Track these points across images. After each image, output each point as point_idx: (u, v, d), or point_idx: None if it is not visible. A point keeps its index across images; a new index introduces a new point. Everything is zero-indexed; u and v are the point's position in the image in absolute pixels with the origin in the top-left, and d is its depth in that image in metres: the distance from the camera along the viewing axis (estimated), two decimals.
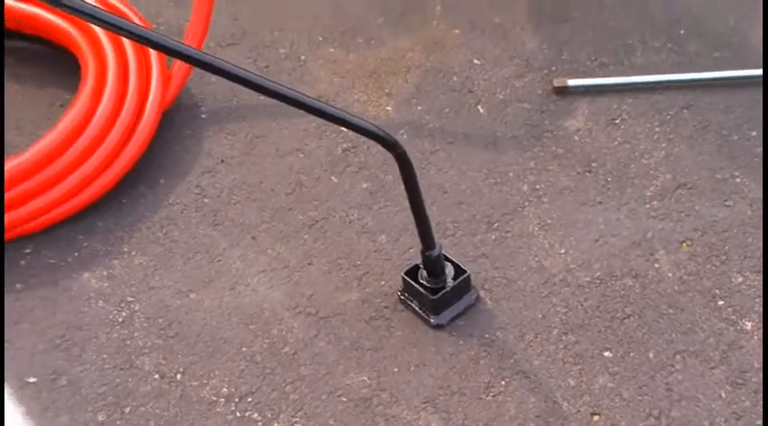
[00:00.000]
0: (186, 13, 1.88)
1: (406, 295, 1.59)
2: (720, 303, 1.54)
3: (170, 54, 1.16)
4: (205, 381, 1.48)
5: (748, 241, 1.62)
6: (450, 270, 1.55)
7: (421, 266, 1.54)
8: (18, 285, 1.59)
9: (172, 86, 1.83)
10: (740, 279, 1.57)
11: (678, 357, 1.47)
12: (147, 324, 1.55)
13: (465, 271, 1.55)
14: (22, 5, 1.86)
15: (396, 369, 1.50)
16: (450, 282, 1.54)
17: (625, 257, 1.63)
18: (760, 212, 1.67)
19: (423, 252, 1.50)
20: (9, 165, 1.58)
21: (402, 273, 1.56)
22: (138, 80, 1.76)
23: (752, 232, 1.64)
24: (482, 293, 1.59)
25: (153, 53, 1.80)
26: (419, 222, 1.46)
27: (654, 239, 1.66)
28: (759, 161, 1.76)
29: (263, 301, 1.60)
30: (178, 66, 1.84)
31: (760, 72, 1.93)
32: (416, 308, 1.57)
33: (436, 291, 1.53)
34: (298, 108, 1.25)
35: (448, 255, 1.56)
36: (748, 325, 1.50)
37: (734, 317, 1.51)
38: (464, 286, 1.56)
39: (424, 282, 1.54)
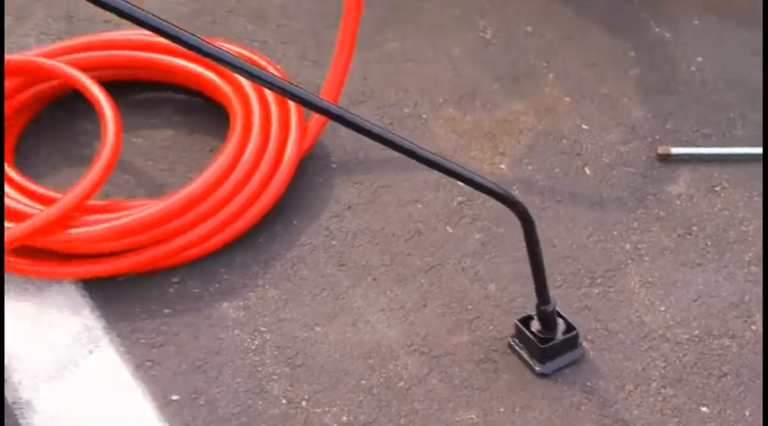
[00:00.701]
0: (323, 72, 1.91)
1: (517, 341, 1.56)
2: None
3: (309, 107, 1.18)
4: (327, 409, 1.48)
5: None
6: (561, 324, 1.53)
7: (534, 317, 1.52)
8: (166, 310, 1.62)
9: (308, 138, 1.85)
10: None
11: None
12: (276, 353, 1.56)
13: (574, 328, 1.53)
14: (180, 61, 1.91)
15: (502, 410, 1.47)
16: (559, 336, 1.52)
17: (723, 317, 1.58)
18: None
19: (538, 306, 1.48)
20: (164, 204, 1.61)
21: (516, 320, 1.54)
22: (279, 132, 1.78)
23: None
24: (585, 343, 1.56)
25: (293, 108, 1.82)
26: (537, 278, 1.44)
27: (751, 302, 1.60)
28: None
29: (381, 338, 1.59)
30: (314, 120, 1.86)
31: None
32: (524, 355, 1.54)
33: (546, 341, 1.50)
34: (430, 166, 1.26)
35: (560, 311, 1.54)
36: None
37: None
38: (572, 341, 1.54)
39: (536, 332, 1.52)
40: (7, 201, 1.62)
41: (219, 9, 2.27)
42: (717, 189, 1.83)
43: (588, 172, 1.90)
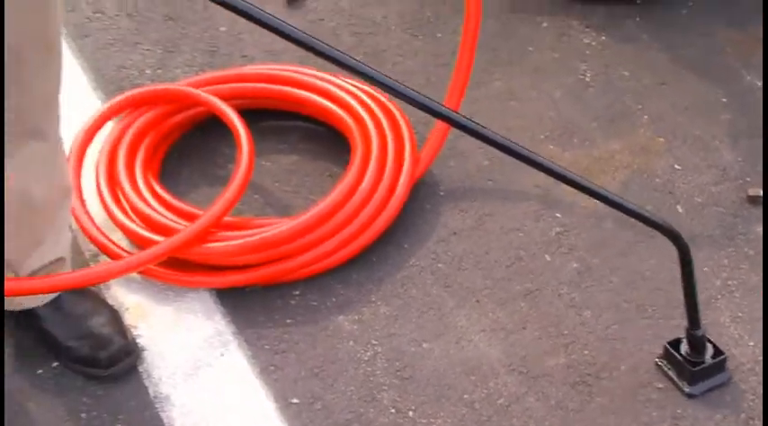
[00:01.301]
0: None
1: (665, 362, 1.56)
2: None
3: (436, 115, 1.28)
4: (432, 420, 1.48)
5: None
6: (709, 348, 1.52)
7: (684, 341, 1.52)
8: (288, 320, 1.65)
9: (420, 167, 1.86)
10: None
11: None
12: (386, 365, 1.58)
13: (723, 353, 1.52)
14: (307, 93, 1.95)
15: None
16: (708, 359, 1.51)
17: None
18: None
19: (688, 330, 1.49)
20: (291, 224, 1.65)
21: (665, 343, 1.54)
22: (395, 161, 1.80)
23: None
24: None
25: (407, 140, 1.84)
26: (689, 304, 1.46)
27: None
28: None
29: (482, 356, 1.59)
30: (426, 150, 1.88)
31: None
32: (673, 377, 1.54)
33: (696, 364, 1.50)
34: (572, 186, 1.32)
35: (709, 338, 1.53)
36: None
37: None
38: (720, 365, 1.53)
39: (685, 355, 1.51)
40: (155, 216, 1.68)
41: (339, 46, 2.30)
42: None
43: (680, 210, 1.86)
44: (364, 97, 1.91)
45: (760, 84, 2.17)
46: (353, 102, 1.88)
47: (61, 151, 1.42)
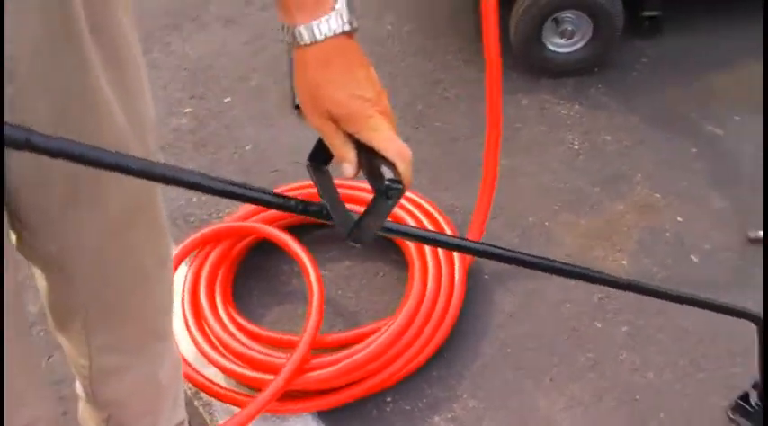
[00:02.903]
0: (451, 194, 1.77)
1: (737, 415, 1.42)
2: None
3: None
4: None
5: None
6: None
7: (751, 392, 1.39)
8: None
9: (466, 262, 1.67)
10: None
11: None
12: None
13: None
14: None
15: None
16: None
17: None
18: None
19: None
20: (376, 342, 1.45)
21: (736, 398, 1.40)
22: (447, 266, 1.61)
23: None
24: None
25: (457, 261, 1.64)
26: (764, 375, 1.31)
27: None
28: None
29: None
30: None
31: None
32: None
33: None
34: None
35: None
36: None
37: None
38: None
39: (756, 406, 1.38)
40: (246, 351, 1.45)
41: None
42: None
43: (695, 259, 1.73)
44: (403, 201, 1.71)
45: (720, 132, 2.06)
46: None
47: (175, 340, 1.19)
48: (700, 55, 2.29)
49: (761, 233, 1.73)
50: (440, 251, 1.62)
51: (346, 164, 0.74)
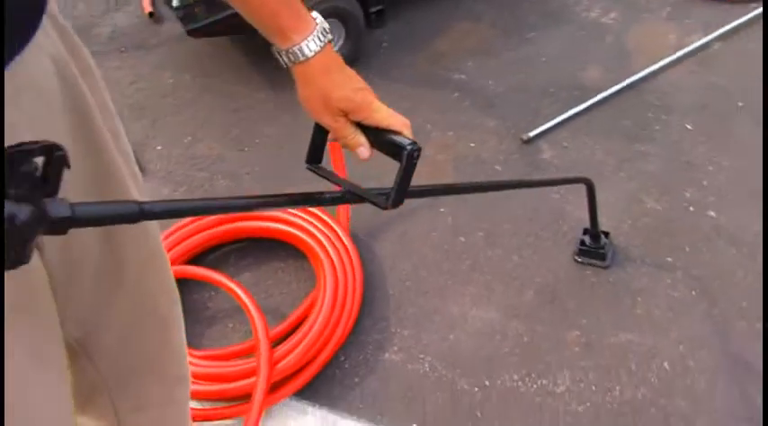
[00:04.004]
0: None
1: (582, 257, 1.62)
2: None
3: None
4: None
5: None
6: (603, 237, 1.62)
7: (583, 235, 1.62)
8: None
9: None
10: None
11: None
12: None
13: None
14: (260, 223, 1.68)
15: None
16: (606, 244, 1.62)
17: None
18: None
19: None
20: (320, 317, 1.44)
21: (577, 246, 1.60)
22: (345, 252, 1.64)
23: None
24: None
25: (341, 233, 1.68)
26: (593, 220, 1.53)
27: None
28: None
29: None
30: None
31: None
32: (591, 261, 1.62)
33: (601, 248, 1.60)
34: None
35: None
36: None
37: None
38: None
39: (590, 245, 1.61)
40: (210, 370, 1.36)
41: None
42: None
43: (498, 168, 1.95)
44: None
45: (464, 76, 2.32)
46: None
47: None
48: (423, 28, 2.55)
49: (531, 134, 2.01)
50: (322, 231, 1.65)
51: (361, 148, 0.77)
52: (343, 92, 0.74)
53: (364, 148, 0.78)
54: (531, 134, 2.01)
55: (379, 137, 0.78)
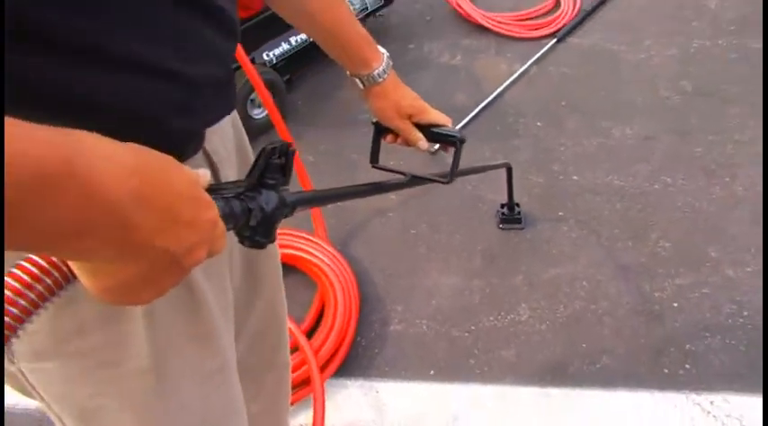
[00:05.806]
0: None
1: (503, 224, 1.71)
2: None
3: None
4: None
5: None
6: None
7: (500, 208, 1.72)
8: None
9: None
10: None
11: None
12: None
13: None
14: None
15: None
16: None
17: None
18: None
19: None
20: (340, 308, 1.42)
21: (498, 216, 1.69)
22: (336, 259, 1.63)
23: None
24: None
25: (324, 244, 1.66)
26: (510, 196, 1.62)
27: None
28: None
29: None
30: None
31: None
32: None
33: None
34: None
35: None
36: None
37: None
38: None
39: (506, 214, 1.71)
40: None
41: None
42: None
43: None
44: None
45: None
46: None
47: None
48: (326, 85, 2.60)
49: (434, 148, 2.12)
50: (311, 245, 1.63)
51: (421, 142, 0.82)
52: (409, 100, 0.81)
53: (423, 142, 0.83)
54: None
55: (430, 132, 0.84)
